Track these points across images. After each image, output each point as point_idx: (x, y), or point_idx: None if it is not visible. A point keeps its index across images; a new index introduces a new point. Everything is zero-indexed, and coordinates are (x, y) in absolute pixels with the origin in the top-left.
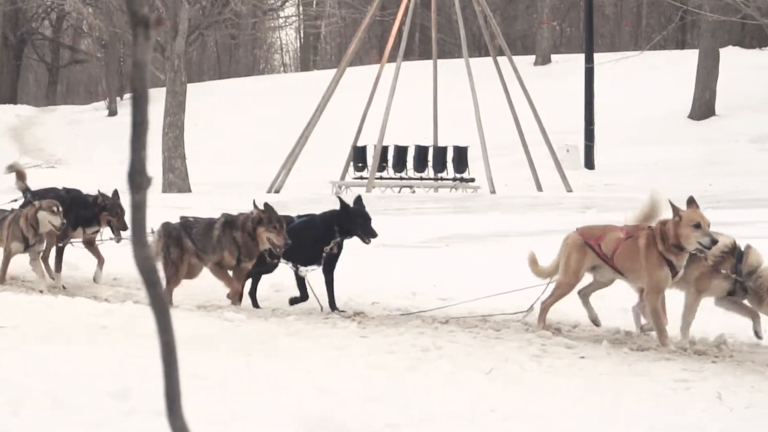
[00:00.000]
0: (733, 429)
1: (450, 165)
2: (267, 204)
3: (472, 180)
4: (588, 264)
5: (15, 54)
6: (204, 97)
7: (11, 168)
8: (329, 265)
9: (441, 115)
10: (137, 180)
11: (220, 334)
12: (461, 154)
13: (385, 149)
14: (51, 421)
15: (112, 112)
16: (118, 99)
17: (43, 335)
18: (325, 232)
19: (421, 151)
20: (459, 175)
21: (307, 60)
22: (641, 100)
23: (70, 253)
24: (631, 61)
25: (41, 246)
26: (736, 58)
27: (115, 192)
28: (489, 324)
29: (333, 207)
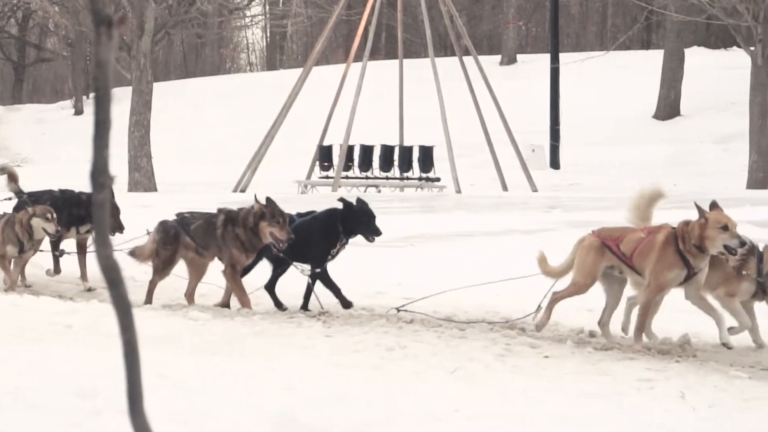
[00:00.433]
0: (696, 428)
1: (416, 165)
2: (269, 198)
3: (438, 180)
4: (604, 264)
5: None
6: (170, 97)
7: (3, 170)
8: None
9: (407, 114)
10: (100, 179)
11: (185, 334)
12: (427, 153)
13: (351, 149)
14: (17, 420)
15: (79, 111)
16: (85, 98)
17: (9, 334)
18: (330, 231)
19: (387, 151)
20: (425, 175)
21: (274, 59)
22: (606, 100)
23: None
24: (596, 61)
25: (31, 254)
26: (701, 59)
27: (111, 191)
28: (453, 323)
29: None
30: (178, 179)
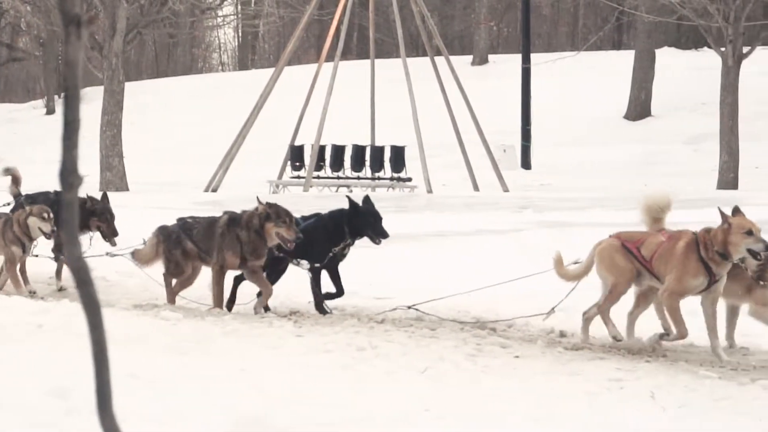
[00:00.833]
0: (666, 428)
1: (387, 164)
2: (269, 202)
3: (410, 179)
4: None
5: None
6: (142, 96)
7: (7, 171)
8: (334, 266)
9: (378, 114)
10: (69, 179)
11: (155, 333)
12: (398, 153)
13: (322, 148)
14: None
15: (50, 111)
16: (57, 97)
17: None
18: (335, 233)
19: (358, 151)
20: (396, 175)
21: (245, 59)
22: (578, 100)
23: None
24: (567, 62)
25: (26, 256)
26: (671, 59)
27: (104, 195)
28: (424, 323)
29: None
30: (150, 179)
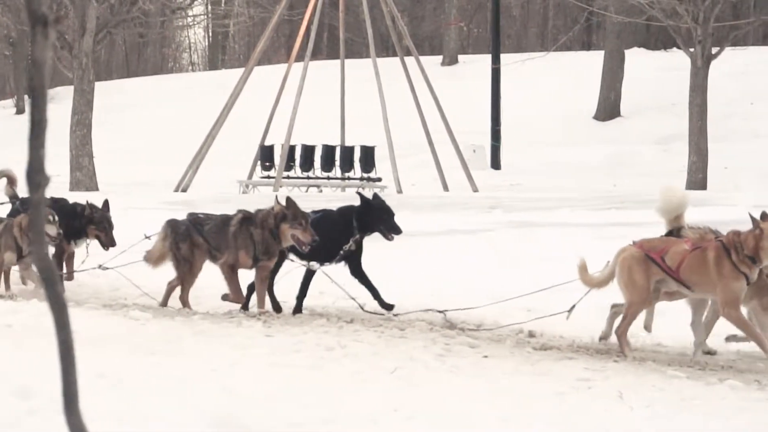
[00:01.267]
0: (635, 428)
1: (357, 165)
2: (289, 199)
3: (379, 180)
4: (654, 279)
5: None
6: (112, 96)
7: (2, 173)
8: (355, 267)
9: (348, 114)
10: (36, 178)
11: (125, 333)
12: (368, 153)
13: (292, 148)
14: None
15: (20, 110)
16: (26, 97)
17: None
18: (344, 229)
19: (328, 151)
20: (366, 175)
21: (216, 59)
22: (547, 100)
23: None
24: (537, 62)
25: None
26: (641, 60)
27: (105, 203)
28: (393, 323)
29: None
30: (120, 179)
